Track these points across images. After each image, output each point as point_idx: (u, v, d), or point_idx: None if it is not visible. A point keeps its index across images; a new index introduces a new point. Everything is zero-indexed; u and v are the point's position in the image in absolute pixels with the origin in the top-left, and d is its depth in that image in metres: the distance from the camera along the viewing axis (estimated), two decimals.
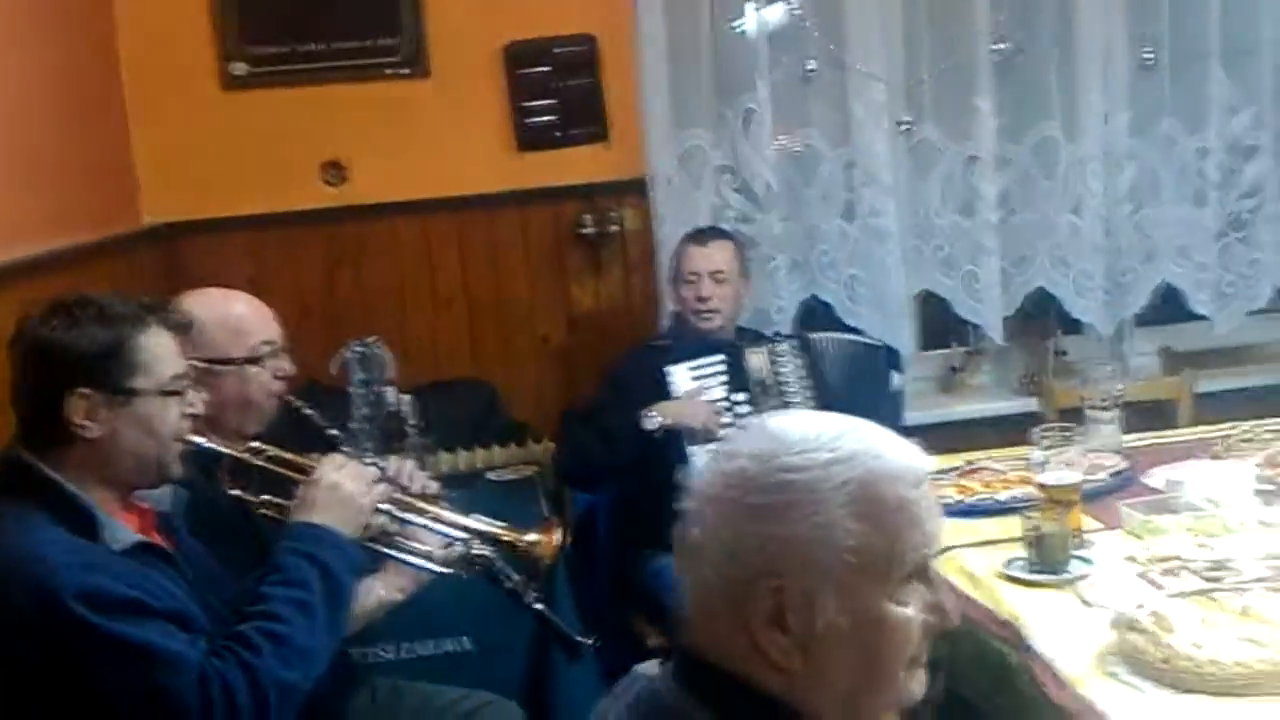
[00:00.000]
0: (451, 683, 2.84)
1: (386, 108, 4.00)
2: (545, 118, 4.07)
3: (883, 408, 3.71)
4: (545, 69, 4.05)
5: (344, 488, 2.23)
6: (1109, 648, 2.08)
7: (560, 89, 4.06)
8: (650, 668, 1.40)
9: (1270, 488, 2.56)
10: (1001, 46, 4.11)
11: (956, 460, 3.29)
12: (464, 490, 3.53)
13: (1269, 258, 4.32)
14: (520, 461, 3.86)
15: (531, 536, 2.45)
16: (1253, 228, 4.31)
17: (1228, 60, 4.17)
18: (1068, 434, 2.68)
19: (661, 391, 3.52)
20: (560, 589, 3.21)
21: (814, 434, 1.34)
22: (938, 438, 3.78)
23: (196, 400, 2.17)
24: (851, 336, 3.82)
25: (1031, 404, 4.20)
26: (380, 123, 4.00)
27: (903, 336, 4.24)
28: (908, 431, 4.10)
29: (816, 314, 4.27)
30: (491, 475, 3.80)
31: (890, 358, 3.83)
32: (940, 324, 4.53)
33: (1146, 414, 3.94)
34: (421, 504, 2.47)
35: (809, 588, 1.29)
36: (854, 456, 1.33)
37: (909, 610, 1.33)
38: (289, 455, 2.32)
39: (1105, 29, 4.11)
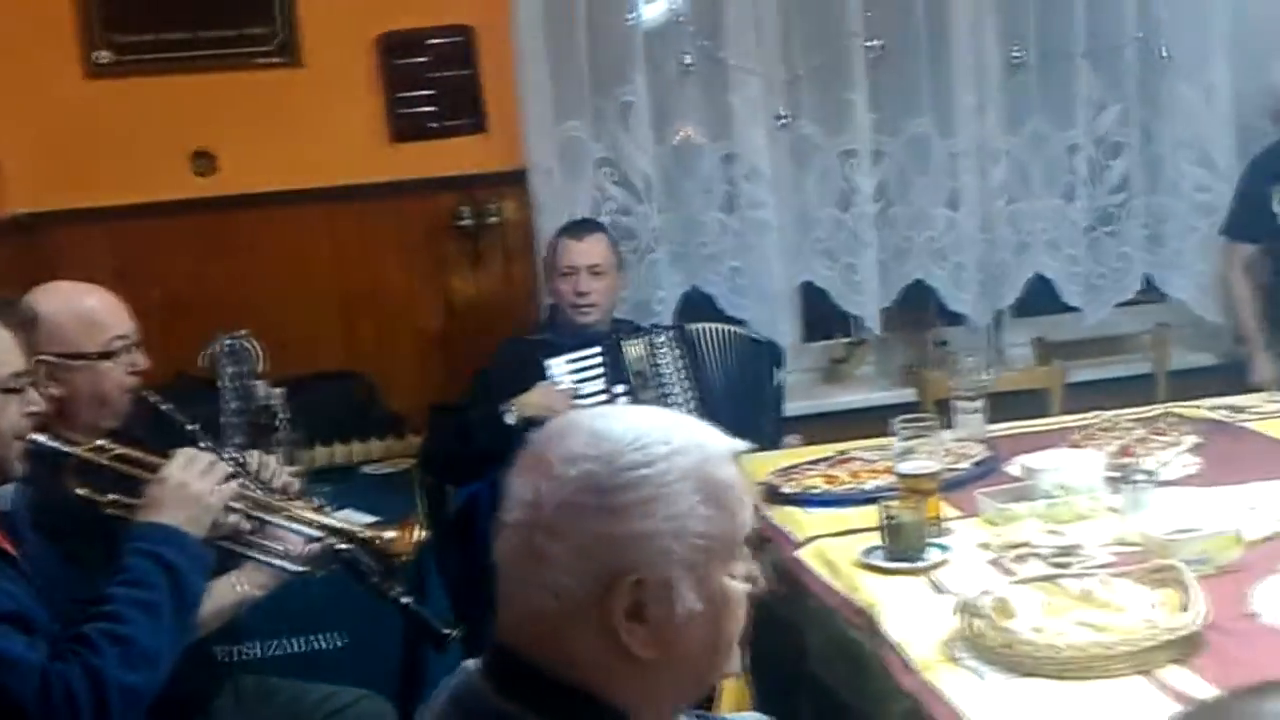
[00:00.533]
0: (323, 679, 2.82)
1: (257, 97, 3.96)
2: (421, 108, 4.05)
3: (764, 401, 3.75)
4: (421, 59, 4.03)
5: (191, 486, 2.19)
6: (954, 633, 2.11)
7: (436, 80, 4.04)
8: (474, 663, 1.41)
9: (1120, 475, 2.61)
10: (874, 43, 4.15)
11: (828, 450, 3.34)
12: (338, 484, 3.52)
13: (1137, 251, 4.43)
14: (397, 455, 3.84)
15: (390, 534, 2.44)
16: (1121, 222, 4.42)
17: (1095, 59, 4.26)
18: (927, 424, 2.71)
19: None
20: (432, 581, 3.20)
21: (645, 429, 1.37)
22: (820, 428, 3.89)
23: (39, 398, 2.12)
24: (732, 328, 3.83)
25: (912, 394, 4.26)
26: (251, 112, 3.95)
27: (784, 328, 4.29)
28: (791, 422, 4.14)
29: (700, 306, 4.30)
30: (367, 469, 3.79)
31: (772, 353, 3.86)
32: (823, 315, 4.58)
33: (1022, 402, 4.02)
34: (280, 501, 2.45)
35: (668, 577, 1.32)
36: (688, 445, 1.37)
37: (742, 584, 1.39)
38: (137, 453, 2.28)
39: (975, 27, 4.20)
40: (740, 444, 1.42)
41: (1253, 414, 3.37)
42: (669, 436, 1.36)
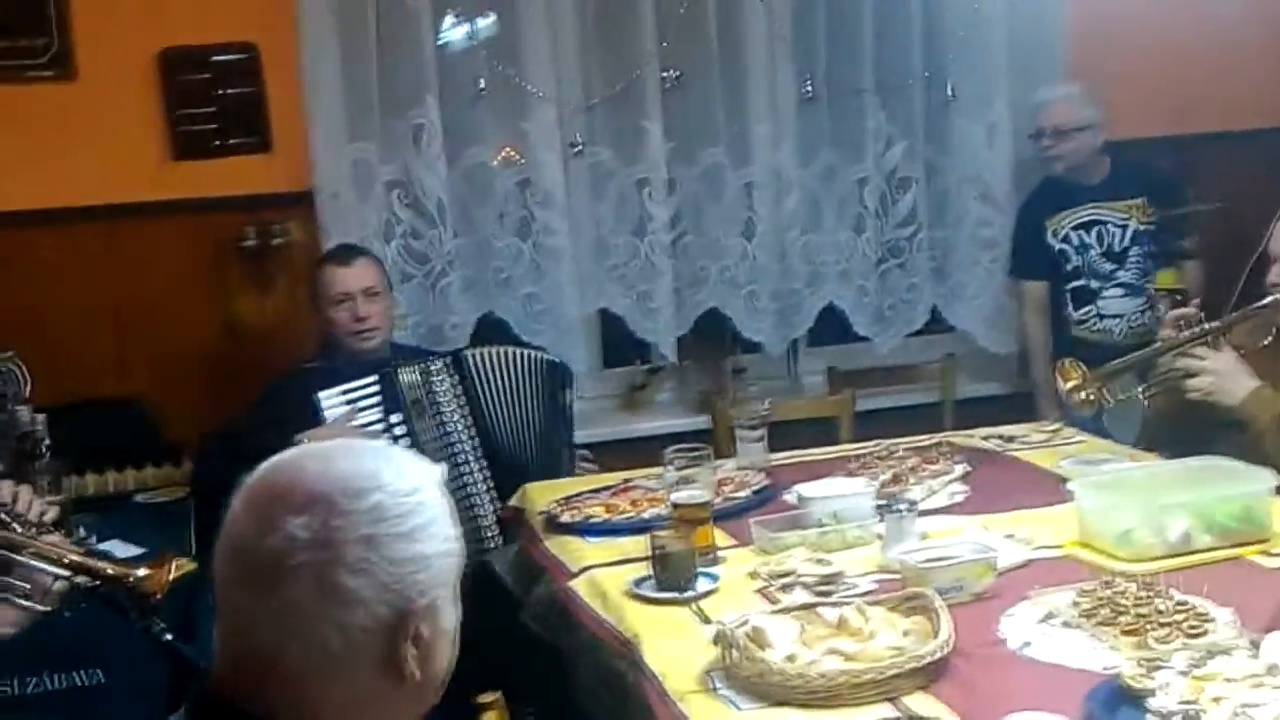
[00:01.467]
0: (86, 718, 2.71)
1: (29, 111, 3.81)
2: (204, 126, 3.94)
3: (553, 422, 3.72)
4: (204, 76, 3.93)
5: None
6: (712, 663, 2.12)
7: (220, 97, 3.94)
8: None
9: (886, 503, 2.65)
10: (670, 73, 4.19)
11: (611, 479, 3.33)
12: (110, 514, 3.40)
13: (924, 283, 4.54)
14: (175, 483, 3.72)
15: (141, 572, 2.36)
16: (909, 255, 4.52)
17: (883, 95, 4.37)
18: (699, 454, 2.72)
19: (313, 416, 3.42)
20: (202, 613, 3.10)
21: (385, 455, 1.41)
22: (619, 454, 3.89)
23: None
24: (515, 350, 3.78)
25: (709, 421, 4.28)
26: (22, 127, 3.80)
27: (580, 354, 4.29)
28: (589, 449, 4.09)
29: (495, 331, 4.27)
30: (141, 497, 3.67)
31: (560, 373, 3.83)
32: (623, 342, 4.58)
33: (814, 430, 4.08)
34: (28, 536, 2.36)
35: (439, 597, 1.36)
36: (426, 467, 1.43)
37: None
38: None
39: (769, 60, 4.25)
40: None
41: (1021, 443, 3.47)
42: (412, 462, 1.42)
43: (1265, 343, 3.21)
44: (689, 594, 2.47)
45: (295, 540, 1.30)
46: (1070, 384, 3.16)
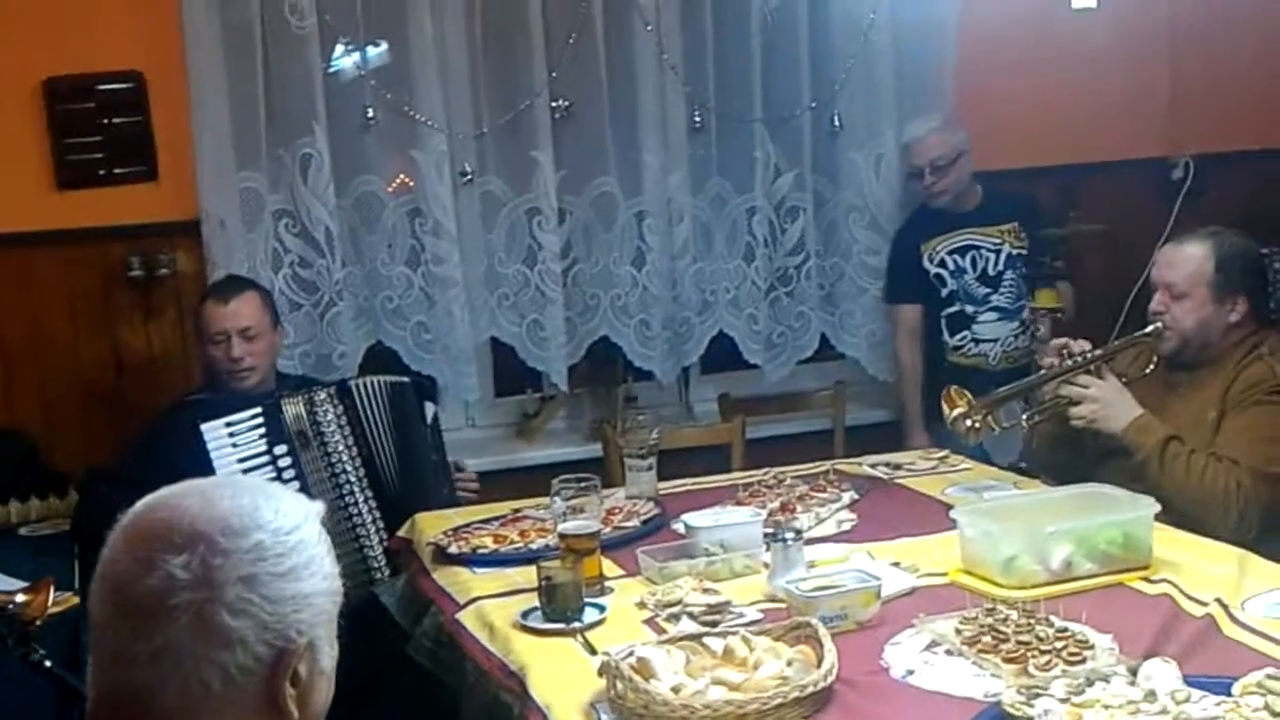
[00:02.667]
0: None
1: None
2: (89, 155, 3.89)
3: (420, 441, 3.67)
4: (89, 105, 3.88)
5: None
6: (598, 694, 2.12)
7: (106, 126, 3.90)
8: None
9: (773, 532, 2.67)
10: (560, 103, 4.20)
11: (501, 509, 3.32)
12: None
13: (814, 311, 4.59)
14: (59, 515, 3.65)
15: (20, 598, 2.33)
16: (798, 283, 4.57)
17: (772, 126, 4.42)
18: (587, 483, 2.73)
19: (198, 449, 3.37)
20: (89, 643, 3.03)
21: (267, 492, 1.40)
22: (512, 483, 3.88)
23: None
24: (390, 378, 3.73)
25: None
26: None
27: (471, 383, 4.28)
28: (483, 477, 4.03)
29: (384, 360, 4.24)
30: (25, 530, 3.61)
31: (423, 389, 3.79)
32: (515, 370, 4.57)
33: (707, 458, 4.10)
34: None
35: (318, 635, 1.35)
36: (305, 506, 1.41)
37: None
38: None
39: (659, 91, 4.28)
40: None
41: (909, 470, 3.52)
42: (290, 498, 1.40)
43: (1148, 370, 3.30)
44: (576, 625, 2.47)
45: (174, 580, 1.29)
46: (956, 411, 3.21)
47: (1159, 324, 3.24)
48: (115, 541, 1.34)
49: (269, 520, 1.34)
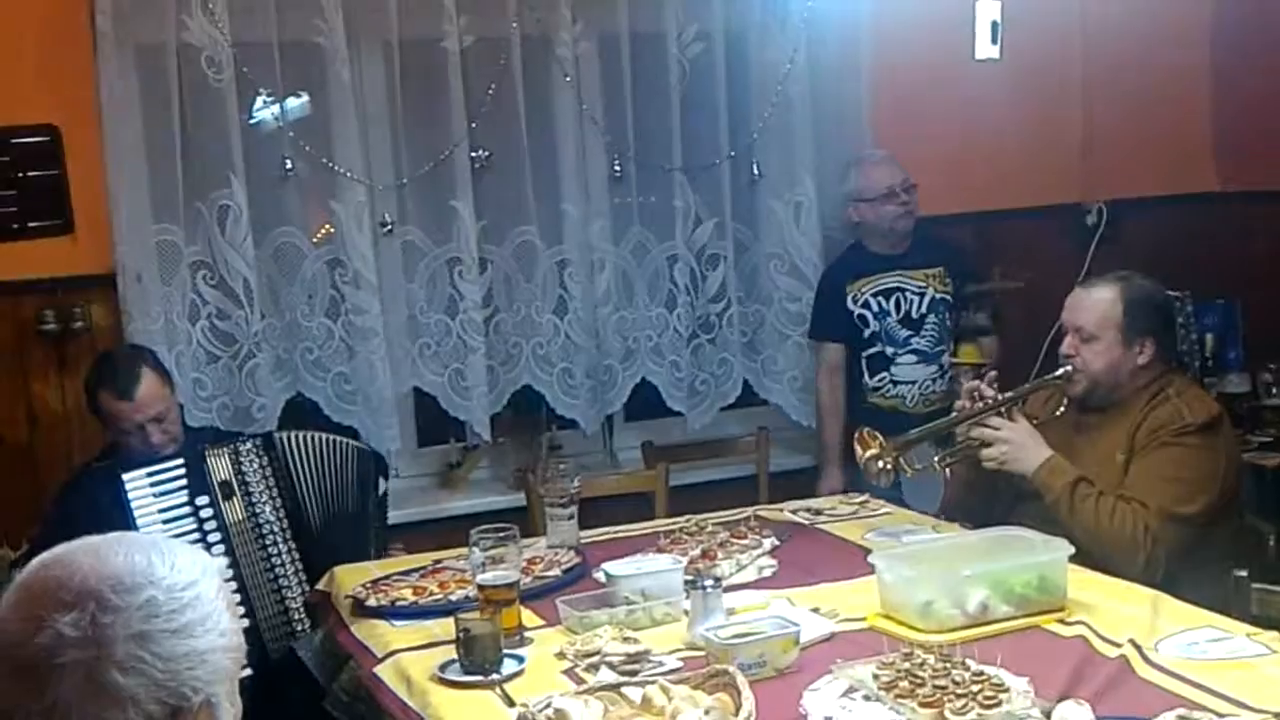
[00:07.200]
0: None
1: None
2: (3, 209, 3.85)
3: (366, 512, 3.67)
4: (3, 159, 3.85)
5: None
6: None
7: (20, 180, 3.86)
8: None
9: (692, 579, 2.67)
10: (480, 153, 4.22)
11: (422, 560, 3.30)
12: None
13: (736, 358, 4.62)
14: None
15: None
16: (720, 330, 4.60)
17: (691, 174, 4.45)
18: (506, 533, 2.72)
19: (119, 503, 3.32)
20: None
21: (161, 548, 1.38)
22: (435, 534, 3.85)
23: None
24: (330, 436, 3.72)
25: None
26: None
27: (393, 433, 4.25)
28: (403, 529, 4.02)
29: (304, 412, 4.21)
30: None
31: (377, 462, 3.79)
32: (439, 420, 4.55)
33: (630, 506, 4.10)
34: None
35: (216, 692, 1.34)
36: (203, 561, 1.40)
37: None
38: None
39: (579, 141, 4.31)
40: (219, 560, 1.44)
41: (829, 516, 3.54)
42: (186, 554, 1.39)
43: (1058, 413, 3.34)
44: (494, 676, 2.47)
45: (63, 638, 1.27)
46: (869, 453, 3.24)
47: (1069, 367, 3.28)
48: (7, 600, 1.33)
49: (162, 576, 1.33)
